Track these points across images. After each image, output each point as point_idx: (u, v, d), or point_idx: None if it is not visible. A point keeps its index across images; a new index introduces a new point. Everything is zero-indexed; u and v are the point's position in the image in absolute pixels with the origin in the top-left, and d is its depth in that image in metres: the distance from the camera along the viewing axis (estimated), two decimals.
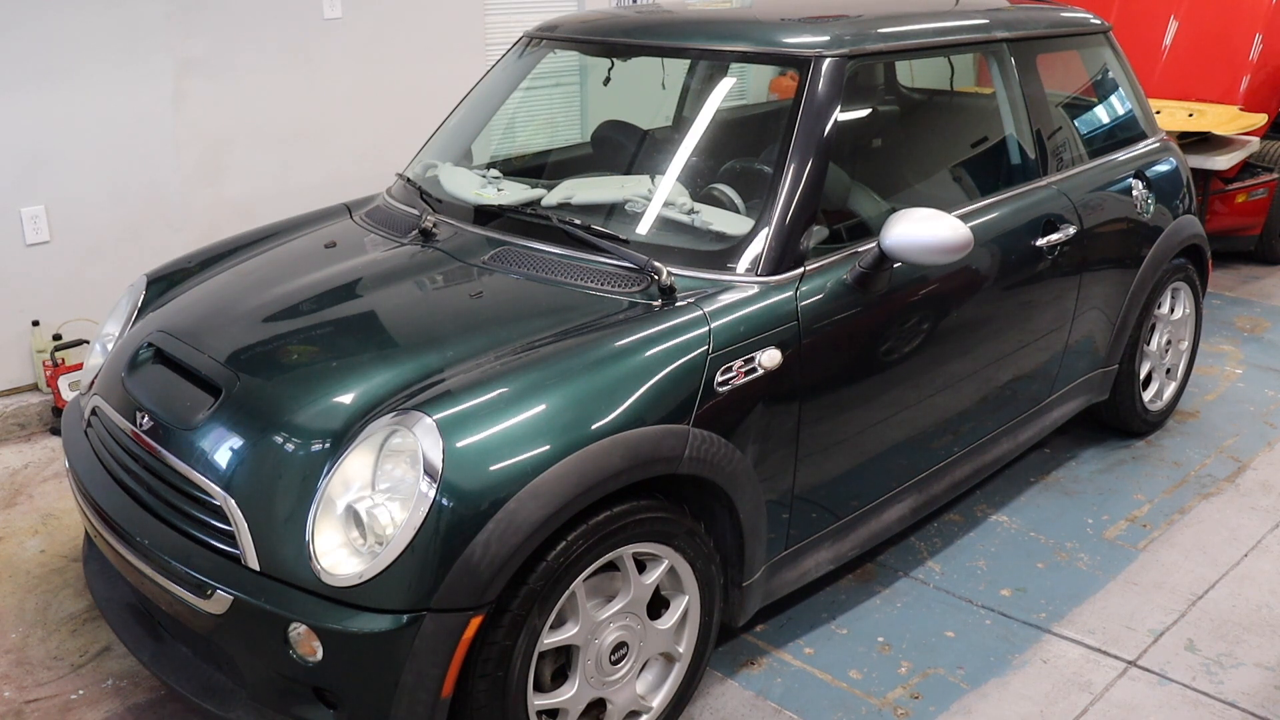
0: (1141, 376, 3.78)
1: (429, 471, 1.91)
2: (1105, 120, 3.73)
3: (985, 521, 3.35)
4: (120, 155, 4.09)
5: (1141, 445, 3.85)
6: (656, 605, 2.31)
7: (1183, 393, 4.06)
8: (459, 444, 1.94)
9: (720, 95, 2.85)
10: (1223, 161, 5.20)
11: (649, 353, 2.18)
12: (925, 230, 2.37)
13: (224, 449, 2.13)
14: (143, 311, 2.77)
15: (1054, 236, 3.12)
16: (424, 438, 1.94)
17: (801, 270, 2.46)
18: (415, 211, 2.89)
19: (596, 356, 2.14)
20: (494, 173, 3.05)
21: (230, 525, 2.05)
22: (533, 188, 2.90)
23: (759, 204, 2.50)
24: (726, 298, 2.35)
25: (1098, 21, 3.67)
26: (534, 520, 1.94)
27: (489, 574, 1.91)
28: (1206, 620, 2.87)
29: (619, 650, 2.24)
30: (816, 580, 2.77)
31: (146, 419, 2.29)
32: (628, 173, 3.05)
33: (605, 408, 2.08)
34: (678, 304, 2.31)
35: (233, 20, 4.28)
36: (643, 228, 2.58)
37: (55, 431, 3.96)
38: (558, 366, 2.10)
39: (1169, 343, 3.89)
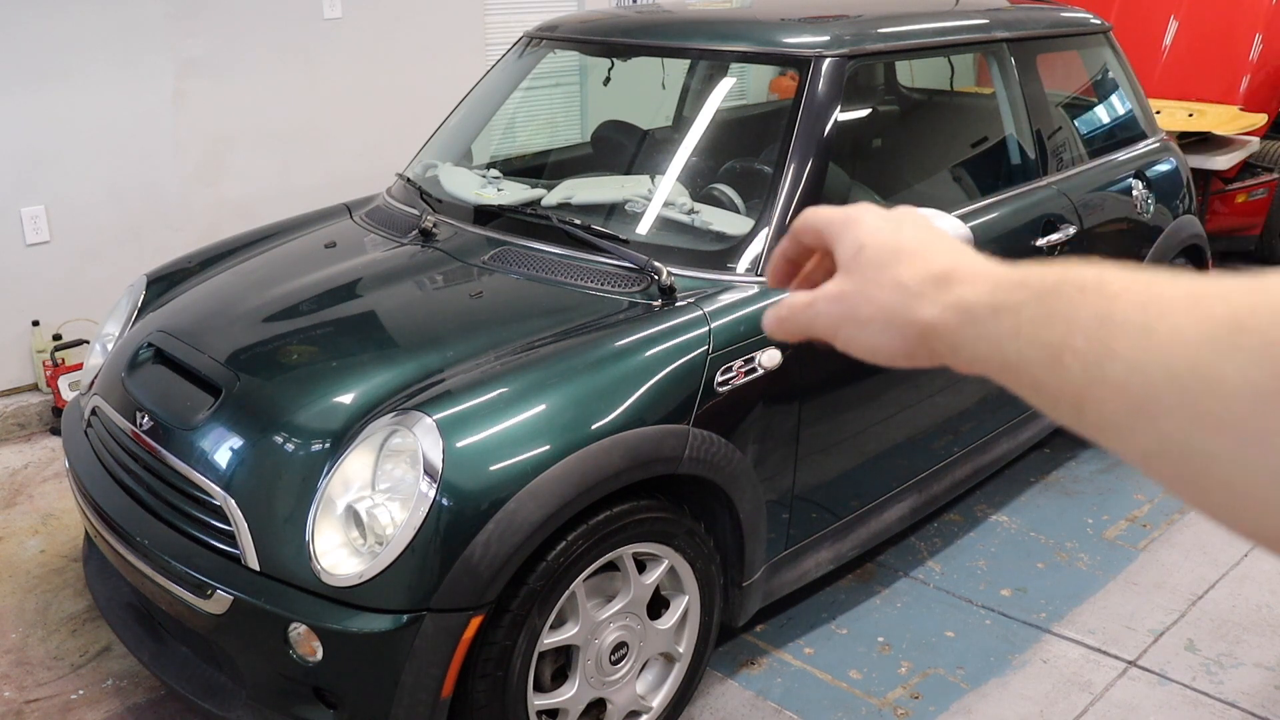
0: None
1: (429, 471, 1.91)
2: (1105, 120, 3.73)
3: (985, 521, 3.35)
4: (120, 155, 4.09)
5: None
6: (656, 605, 2.31)
7: None
8: (459, 444, 1.94)
9: (720, 95, 2.85)
10: (1223, 161, 5.20)
11: (649, 353, 2.18)
12: None
13: (224, 449, 2.13)
14: (143, 311, 2.77)
15: (1054, 236, 3.11)
16: (424, 438, 1.94)
17: None
18: (415, 211, 2.89)
19: (596, 356, 2.14)
20: (494, 173, 3.05)
21: (230, 525, 2.05)
22: (533, 188, 2.90)
23: (759, 204, 2.50)
24: (727, 298, 2.35)
25: (1098, 21, 3.67)
26: (534, 520, 1.94)
27: (489, 574, 1.91)
28: (1206, 620, 2.87)
29: (619, 650, 2.23)
30: (816, 580, 2.77)
31: (146, 419, 2.29)
32: (628, 173, 3.05)
33: (605, 408, 2.08)
34: (678, 304, 2.31)
35: (233, 20, 4.27)
36: (643, 228, 2.58)
37: (55, 431, 3.96)
38: (558, 366, 2.10)
39: None
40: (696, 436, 2.19)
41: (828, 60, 2.61)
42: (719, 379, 2.25)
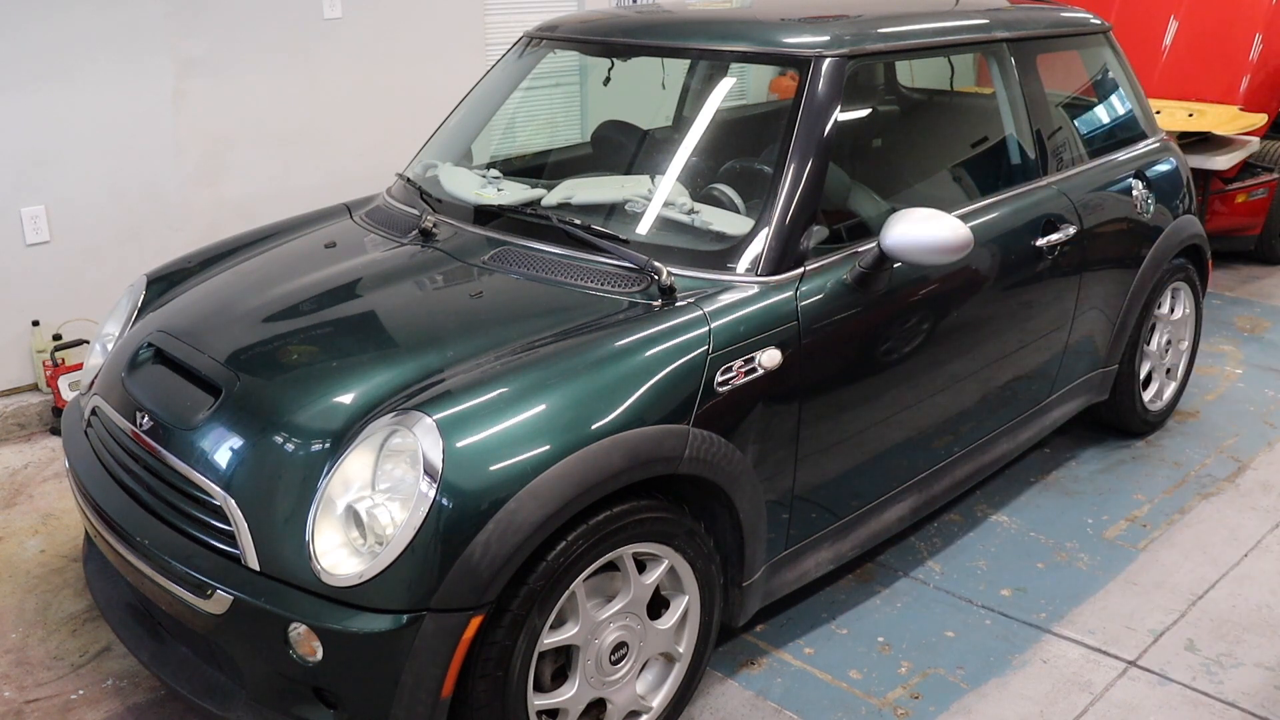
0: (1141, 376, 3.78)
1: (429, 471, 1.91)
2: (1105, 120, 3.73)
3: (985, 521, 3.35)
4: (120, 155, 4.09)
5: (1141, 445, 3.85)
6: (656, 605, 2.31)
7: (1183, 393, 4.06)
8: (459, 444, 1.94)
9: (720, 95, 2.85)
10: (1223, 161, 5.20)
11: (649, 353, 2.18)
12: (925, 230, 2.37)
13: (224, 449, 2.13)
14: (143, 311, 2.77)
15: (1054, 236, 3.12)
16: (424, 438, 1.94)
17: (801, 270, 2.46)
18: (415, 211, 2.89)
19: (596, 356, 2.14)
20: (494, 173, 3.05)
21: (230, 525, 2.05)
22: (533, 188, 2.90)
23: (759, 204, 2.50)
24: (726, 298, 2.35)
25: (1098, 21, 3.67)
26: (534, 520, 1.94)
27: (489, 574, 1.91)
28: (1206, 620, 2.87)
29: (619, 650, 2.24)
30: (816, 580, 2.77)
31: (146, 419, 2.29)
32: (628, 173, 3.05)
33: (605, 408, 2.08)
34: (678, 304, 2.31)
35: (233, 20, 4.28)
36: (643, 228, 2.58)
37: (55, 431, 3.96)
38: (558, 366, 2.10)
39: (1169, 343, 3.89)
40: (696, 436, 2.19)
41: (828, 60, 2.61)
42: (719, 379, 2.25)
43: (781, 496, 2.47)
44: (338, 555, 1.95)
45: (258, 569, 2.00)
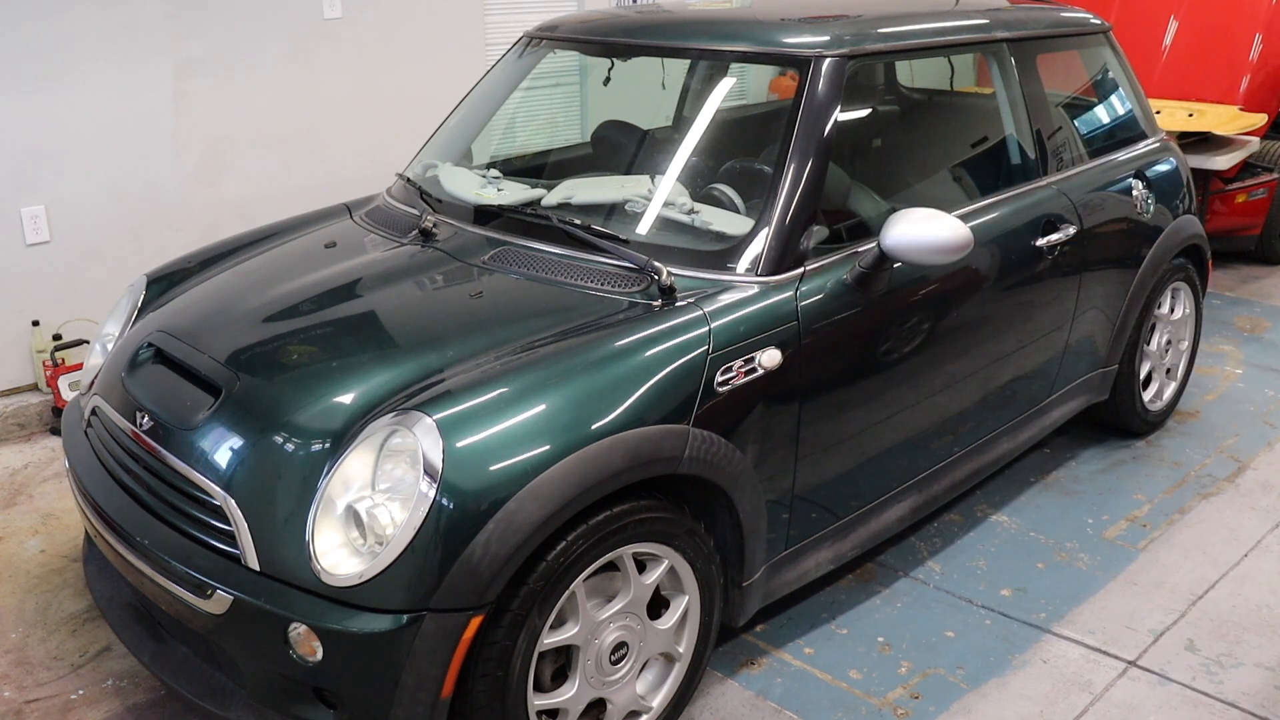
0: (1141, 376, 3.78)
1: (429, 471, 1.91)
2: (1105, 120, 3.73)
3: (985, 521, 3.35)
4: (120, 155, 4.10)
5: (1141, 445, 3.85)
6: (656, 605, 2.31)
7: (1183, 393, 4.06)
8: (459, 444, 1.94)
9: (720, 95, 2.85)
10: (1223, 161, 5.20)
11: (649, 353, 2.18)
12: (925, 230, 2.37)
13: (224, 449, 2.13)
14: (143, 311, 2.77)
15: (1054, 236, 3.12)
16: (424, 438, 1.94)
17: (801, 270, 2.46)
18: (415, 211, 2.89)
19: (596, 356, 2.14)
20: (494, 173, 3.05)
21: (230, 525, 2.05)
22: (533, 188, 2.90)
23: (759, 204, 2.50)
24: (726, 298, 2.35)
25: (1098, 21, 3.67)
26: (534, 520, 1.94)
27: (489, 574, 1.91)
28: (1206, 620, 2.87)
29: (619, 650, 2.24)
30: (816, 580, 2.77)
31: (146, 419, 2.29)
32: (628, 173, 3.05)
33: (605, 408, 2.08)
34: (678, 304, 2.31)
35: (233, 20, 4.28)
36: (643, 228, 2.58)
37: (55, 431, 3.96)
38: (558, 366, 2.10)
39: (1169, 343, 3.89)
40: (696, 436, 2.19)
41: (828, 60, 2.61)
42: (719, 379, 2.25)
43: (781, 496, 2.47)
44: (338, 555, 1.95)
45: (258, 569, 2.00)
